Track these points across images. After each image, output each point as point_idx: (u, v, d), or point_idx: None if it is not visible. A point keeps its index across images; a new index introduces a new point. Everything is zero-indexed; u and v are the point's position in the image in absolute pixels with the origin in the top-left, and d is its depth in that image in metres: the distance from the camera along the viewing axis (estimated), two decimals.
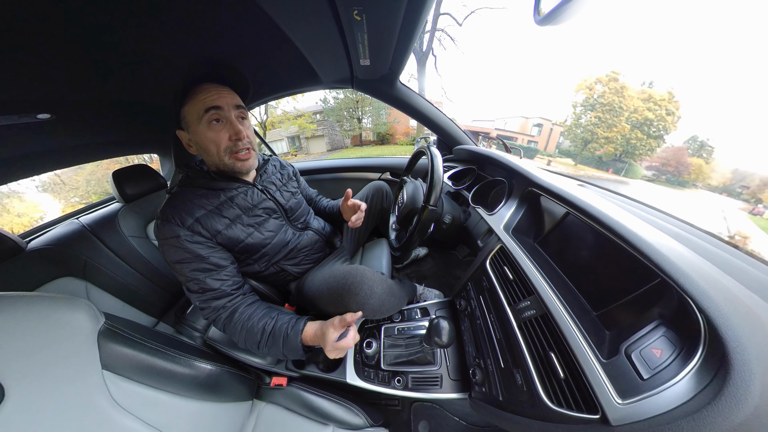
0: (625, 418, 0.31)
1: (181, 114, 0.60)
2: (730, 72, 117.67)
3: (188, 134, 0.61)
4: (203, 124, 0.57)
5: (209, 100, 0.57)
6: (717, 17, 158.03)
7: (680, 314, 0.33)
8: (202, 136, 0.58)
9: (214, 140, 0.59)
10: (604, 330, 0.41)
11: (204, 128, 0.58)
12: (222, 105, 0.58)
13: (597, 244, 0.49)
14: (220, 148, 0.60)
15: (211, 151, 0.60)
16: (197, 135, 0.59)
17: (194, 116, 0.58)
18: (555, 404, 0.41)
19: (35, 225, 1.14)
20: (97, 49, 0.50)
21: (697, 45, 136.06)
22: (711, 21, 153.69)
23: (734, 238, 21.25)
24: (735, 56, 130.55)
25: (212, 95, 0.57)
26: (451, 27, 13.95)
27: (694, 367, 0.29)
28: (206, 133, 0.58)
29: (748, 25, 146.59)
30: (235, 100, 0.61)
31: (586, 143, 24.49)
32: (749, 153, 74.95)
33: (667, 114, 23.98)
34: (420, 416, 0.90)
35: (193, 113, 0.57)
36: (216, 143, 0.59)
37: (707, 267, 0.35)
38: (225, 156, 0.61)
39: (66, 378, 0.40)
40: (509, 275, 0.60)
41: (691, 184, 36.85)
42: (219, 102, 0.57)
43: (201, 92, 0.57)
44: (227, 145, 0.60)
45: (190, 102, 0.57)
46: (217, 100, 0.57)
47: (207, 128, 0.58)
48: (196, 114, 0.57)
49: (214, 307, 0.61)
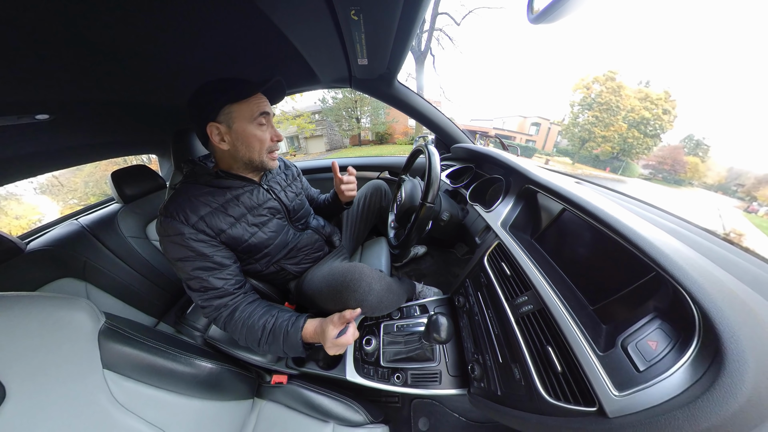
0: (622, 409, 0.32)
1: (227, 109, 0.61)
2: (726, 71, 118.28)
3: (227, 129, 0.62)
4: (255, 124, 0.63)
5: (263, 106, 0.64)
6: (714, 17, 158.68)
7: (675, 307, 0.33)
8: (251, 133, 0.63)
9: (261, 138, 0.65)
10: (600, 324, 0.41)
11: (254, 127, 0.64)
12: (270, 112, 0.66)
13: (593, 240, 0.49)
14: (264, 146, 0.66)
15: (254, 147, 0.65)
16: (244, 131, 0.62)
17: (247, 115, 0.62)
18: (553, 398, 0.41)
19: (34, 227, 1.14)
20: (97, 50, 0.50)
21: (693, 44, 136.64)
22: (708, 20, 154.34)
23: (729, 235, 21.41)
24: (731, 55, 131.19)
25: (264, 102, 0.65)
26: (450, 26, 13.95)
27: (689, 359, 0.30)
28: (255, 131, 0.64)
29: (744, 26, 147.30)
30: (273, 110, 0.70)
31: (584, 142, 24.62)
32: (744, 152, 75.61)
33: (663, 113, 24.13)
34: (420, 413, 0.91)
35: (247, 112, 0.62)
36: (262, 141, 0.66)
37: (702, 261, 0.36)
38: (264, 153, 0.67)
39: (67, 378, 0.40)
40: (507, 271, 0.61)
41: (688, 182, 37.31)
42: (269, 109, 0.66)
43: (256, 97, 0.64)
44: (269, 144, 0.67)
45: (245, 102, 0.61)
46: (268, 107, 0.66)
47: (257, 128, 0.64)
48: (250, 113, 0.62)
49: (215, 306, 0.61)
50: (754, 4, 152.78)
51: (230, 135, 0.62)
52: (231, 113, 0.61)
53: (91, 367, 0.43)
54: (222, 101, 0.60)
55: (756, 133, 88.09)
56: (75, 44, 0.46)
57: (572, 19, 0.54)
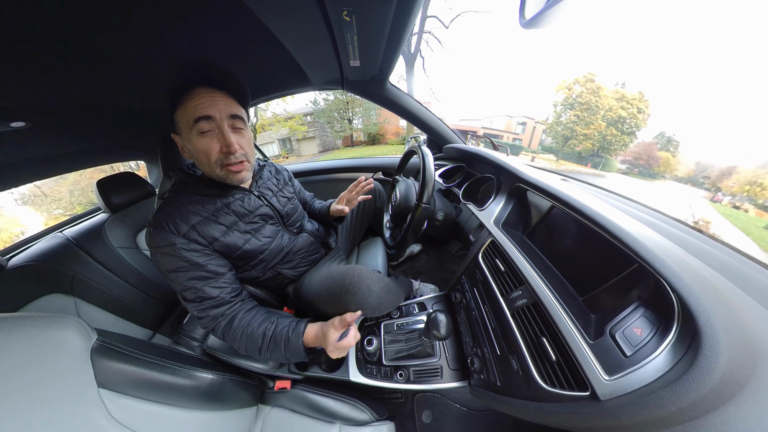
0: (613, 392, 0.34)
1: (174, 118, 0.57)
2: (694, 74, 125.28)
3: (181, 139, 0.59)
4: (194, 133, 0.54)
5: (200, 109, 0.53)
6: (684, 24, 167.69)
7: (656, 295, 0.36)
8: (193, 145, 0.56)
9: (205, 151, 0.55)
10: (590, 313, 0.43)
11: (195, 138, 0.55)
12: (213, 114, 0.54)
13: (580, 235, 0.52)
14: (211, 160, 0.56)
15: (202, 161, 0.58)
16: (189, 143, 0.57)
17: (185, 124, 0.55)
18: (549, 385, 0.43)
19: (16, 241, 1.08)
20: (76, 52, 0.47)
21: (665, 48, 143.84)
22: (678, 27, 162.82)
23: (698, 223, 22.79)
24: (699, 59, 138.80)
25: (205, 102, 0.53)
26: (438, 29, 14.14)
27: (670, 342, 0.32)
28: (196, 143, 0.55)
29: (712, 33, 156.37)
30: (231, 108, 0.57)
31: (567, 140, 25.56)
32: (710, 146, 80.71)
33: (638, 112, 25.43)
34: (423, 406, 0.92)
35: (184, 120, 0.54)
36: (206, 154, 0.56)
37: (677, 251, 0.38)
38: (216, 167, 0.58)
39: (60, 400, 0.39)
40: (501, 267, 0.63)
41: (661, 176, 39.57)
42: (210, 111, 0.53)
43: (193, 98, 0.53)
44: (218, 157, 0.56)
45: (182, 108, 0.54)
46: (209, 109, 0.53)
47: (198, 138, 0.55)
48: (186, 122, 0.54)
49: (212, 316, 0.60)
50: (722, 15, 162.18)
51: (185, 147, 0.58)
52: (177, 122, 0.56)
53: (85, 387, 0.41)
54: (172, 109, 0.56)
55: (719, 130, 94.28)
56: (50, 46, 0.43)
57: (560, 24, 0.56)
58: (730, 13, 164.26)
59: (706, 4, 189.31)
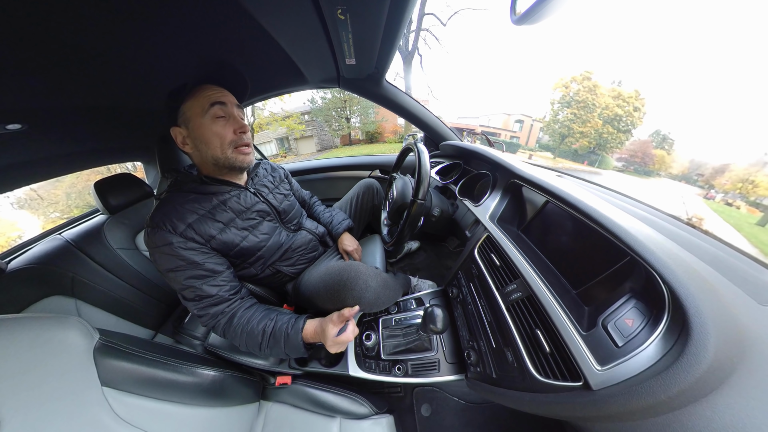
0: (605, 382, 0.34)
1: (180, 110, 0.59)
2: (689, 73, 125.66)
3: (186, 130, 0.61)
4: (208, 118, 0.59)
5: (214, 96, 0.59)
6: (681, 23, 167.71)
7: (648, 287, 0.36)
8: (206, 129, 0.59)
9: (219, 133, 0.60)
10: (583, 306, 0.44)
11: (208, 122, 0.59)
12: (226, 102, 0.61)
13: (574, 229, 0.52)
14: (225, 141, 0.61)
15: (214, 145, 0.61)
16: (200, 128, 0.60)
17: (198, 110, 0.59)
18: (543, 376, 0.44)
19: (14, 245, 1.07)
20: (71, 53, 0.47)
21: (661, 47, 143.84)
22: (675, 26, 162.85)
23: (692, 219, 23.10)
24: (694, 58, 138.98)
25: (216, 92, 0.60)
26: (436, 27, 14.08)
27: (660, 333, 0.32)
28: (211, 126, 0.59)
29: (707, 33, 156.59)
30: (235, 100, 0.64)
31: (564, 138, 25.62)
32: (704, 144, 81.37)
33: (634, 110, 25.53)
34: (422, 400, 0.94)
35: (197, 107, 0.59)
36: (221, 136, 0.61)
37: (669, 244, 0.39)
38: (228, 149, 0.62)
39: (65, 398, 0.39)
40: (496, 262, 0.63)
41: (656, 173, 39.99)
42: (223, 98, 0.60)
43: (205, 89, 0.59)
44: (232, 138, 0.62)
45: (193, 98, 0.59)
46: (222, 97, 0.60)
47: (212, 122, 0.59)
48: (200, 108, 0.59)
49: (212, 314, 0.60)
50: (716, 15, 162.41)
51: (190, 137, 0.61)
52: (185, 113, 0.60)
53: (89, 386, 0.42)
54: (175, 102, 0.60)
55: (714, 128, 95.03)
56: (45, 47, 0.43)
57: (553, 20, 0.57)
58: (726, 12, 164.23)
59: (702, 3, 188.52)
